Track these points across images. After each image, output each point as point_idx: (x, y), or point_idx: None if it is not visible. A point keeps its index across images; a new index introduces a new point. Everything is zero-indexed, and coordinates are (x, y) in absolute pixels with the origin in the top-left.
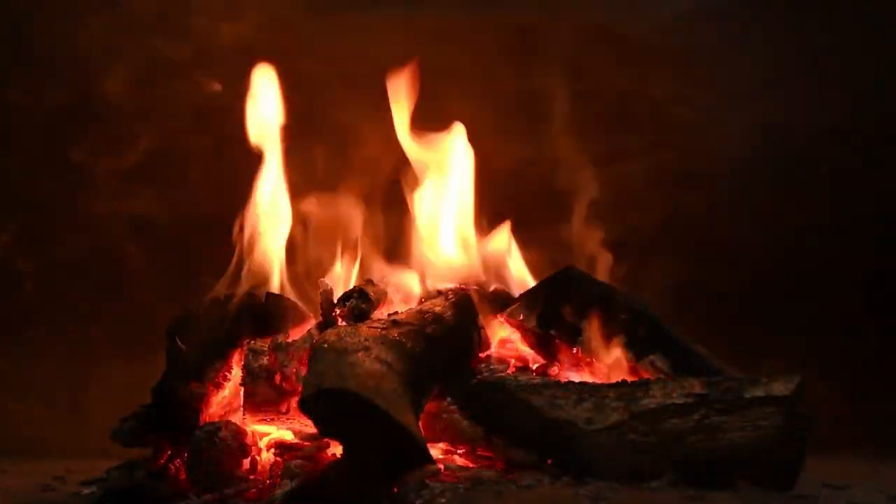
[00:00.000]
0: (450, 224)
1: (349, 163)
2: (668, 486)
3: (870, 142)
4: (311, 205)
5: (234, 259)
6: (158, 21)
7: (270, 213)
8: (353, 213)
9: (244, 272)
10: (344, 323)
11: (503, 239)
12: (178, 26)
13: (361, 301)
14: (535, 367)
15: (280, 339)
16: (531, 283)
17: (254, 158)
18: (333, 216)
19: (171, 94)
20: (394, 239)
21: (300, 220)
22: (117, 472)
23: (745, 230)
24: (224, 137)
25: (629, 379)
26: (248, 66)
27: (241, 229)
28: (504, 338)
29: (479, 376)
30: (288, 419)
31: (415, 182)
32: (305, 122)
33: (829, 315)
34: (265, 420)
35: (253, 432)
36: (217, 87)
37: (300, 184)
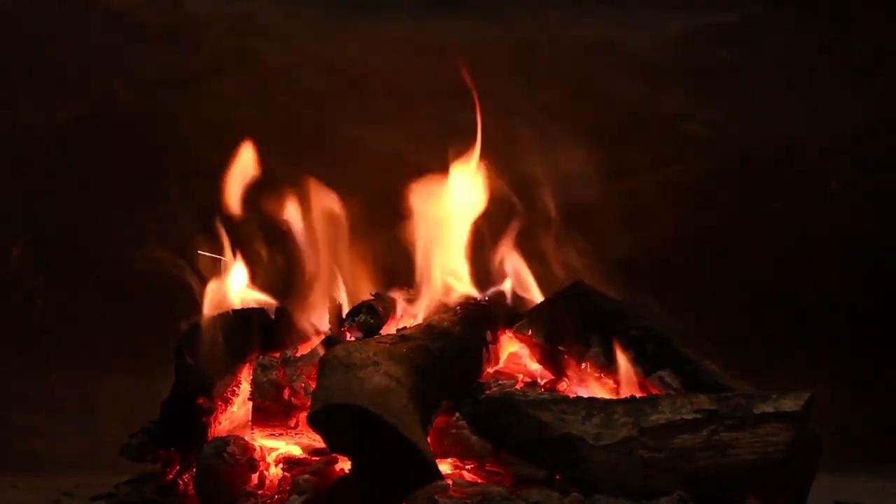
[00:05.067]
0: (458, 238)
1: (355, 175)
2: (678, 502)
3: (878, 158)
4: (317, 217)
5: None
6: (168, 35)
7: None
8: (359, 226)
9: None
10: (352, 338)
11: (511, 253)
12: (187, 41)
13: (370, 316)
14: (543, 382)
15: (289, 353)
16: (540, 298)
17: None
18: (340, 229)
19: (181, 108)
20: (401, 252)
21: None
22: (126, 487)
23: (755, 245)
24: (234, 151)
25: (638, 395)
26: (257, 79)
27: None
28: (512, 353)
29: (487, 391)
30: (296, 434)
31: (423, 195)
32: (311, 136)
33: (840, 330)
34: (273, 435)
35: (261, 447)
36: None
37: (306, 197)
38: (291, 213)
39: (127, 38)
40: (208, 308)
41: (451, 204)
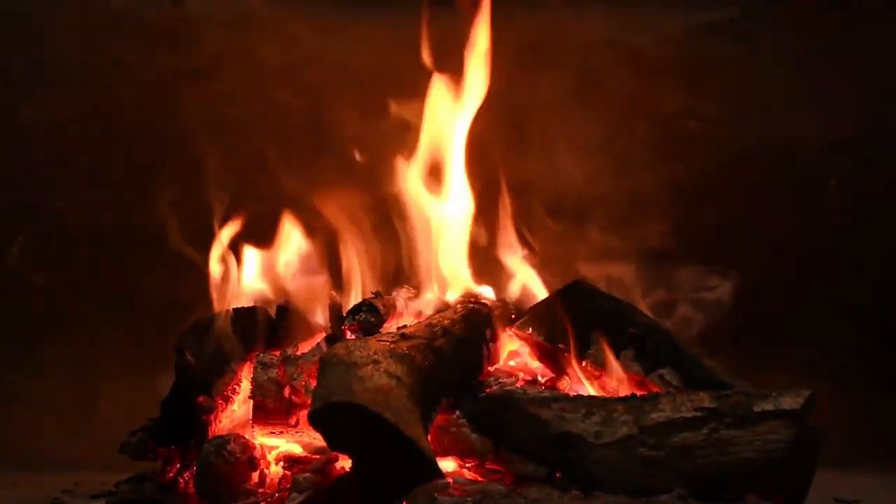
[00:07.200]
0: (458, 236)
1: (355, 174)
2: (678, 500)
3: (878, 154)
4: (316, 217)
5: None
6: (168, 35)
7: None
8: (359, 225)
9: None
10: (353, 336)
11: (512, 252)
12: (187, 40)
13: (371, 314)
14: (543, 380)
15: (289, 351)
16: (540, 296)
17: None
18: (340, 228)
19: (181, 107)
20: (401, 251)
21: (306, 232)
22: (126, 485)
23: (755, 242)
24: (234, 150)
25: (638, 393)
26: (257, 78)
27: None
28: (513, 351)
29: (487, 389)
30: (297, 432)
31: (421, 192)
32: (311, 134)
33: (839, 328)
34: (274, 433)
35: (261, 445)
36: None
37: (306, 195)
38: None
39: (127, 36)
40: (209, 305)
41: (449, 202)
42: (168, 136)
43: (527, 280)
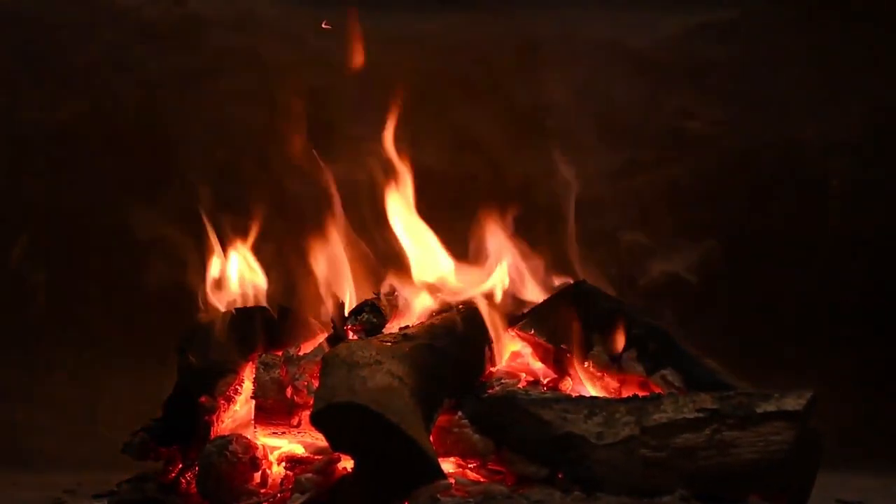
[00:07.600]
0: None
1: (356, 174)
2: (680, 501)
3: (881, 155)
4: (318, 217)
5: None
6: (170, 34)
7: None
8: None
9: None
10: (355, 336)
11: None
12: (190, 39)
13: (373, 315)
14: (545, 381)
15: (292, 352)
16: (542, 297)
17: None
18: (342, 228)
19: (184, 107)
20: (403, 252)
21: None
22: (128, 485)
23: (755, 242)
24: (237, 150)
25: (640, 394)
26: (259, 77)
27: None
28: (515, 352)
29: (489, 390)
30: (299, 432)
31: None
32: (312, 134)
33: (841, 329)
34: (276, 433)
35: (264, 446)
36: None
37: (308, 196)
38: None
39: (129, 36)
40: (210, 306)
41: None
42: (170, 134)
43: (528, 281)
